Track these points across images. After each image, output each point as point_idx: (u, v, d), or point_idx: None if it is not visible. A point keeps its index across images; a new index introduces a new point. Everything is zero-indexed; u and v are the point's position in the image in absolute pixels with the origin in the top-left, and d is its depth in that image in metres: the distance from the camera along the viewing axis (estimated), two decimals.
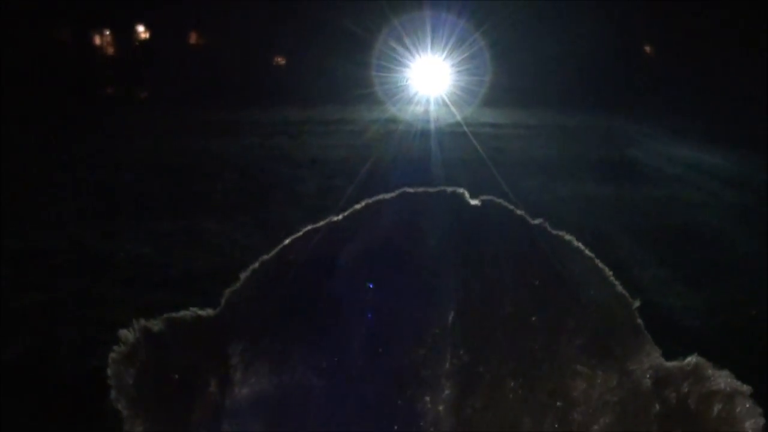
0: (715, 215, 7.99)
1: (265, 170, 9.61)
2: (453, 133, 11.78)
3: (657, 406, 0.90)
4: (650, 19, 20.33)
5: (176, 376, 0.90)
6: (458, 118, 13.44)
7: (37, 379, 4.16)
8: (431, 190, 0.94)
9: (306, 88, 17.55)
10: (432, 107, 14.34)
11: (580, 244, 0.94)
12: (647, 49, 21.82)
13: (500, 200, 0.94)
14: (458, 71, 14.97)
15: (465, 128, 12.01)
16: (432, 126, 12.83)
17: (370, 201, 0.95)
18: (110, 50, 22.11)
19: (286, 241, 0.95)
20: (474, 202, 0.94)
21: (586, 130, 14.49)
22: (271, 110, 16.35)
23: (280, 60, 22.30)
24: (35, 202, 7.98)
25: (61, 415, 3.75)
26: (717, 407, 0.89)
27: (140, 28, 22.56)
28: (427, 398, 0.83)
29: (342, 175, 8.74)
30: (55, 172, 9.53)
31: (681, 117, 15.93)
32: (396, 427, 0.82)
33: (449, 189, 0.94)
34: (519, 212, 0.94)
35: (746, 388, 0.90)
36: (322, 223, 0.95)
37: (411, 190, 0.95)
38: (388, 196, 0.95)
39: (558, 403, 0.85)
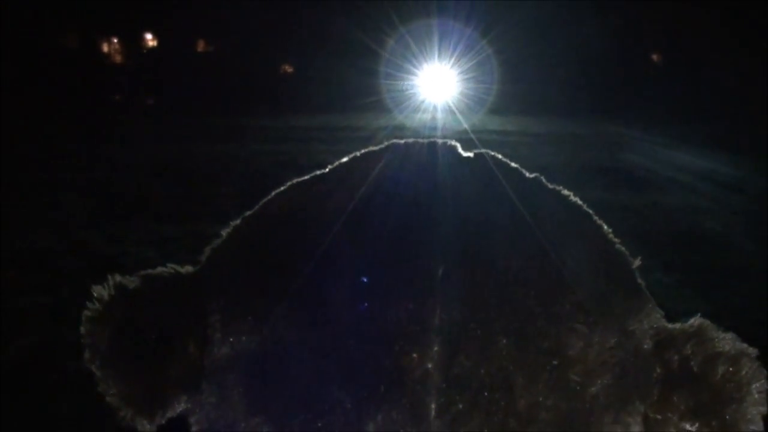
0: (721, 221, 7.95)
1: (272, 176, 9.59)
2: (460, 140, 11.61)
3: (658, 369, 0.85)
4: (657, 27, 20.33)
5: (152, 336, 0.86)
6: (465, 125, 13.43)
7: (38, 380, 4.13)
8: (422, 140, 0.90)
9: (314, 96, 17.58)
10: (439, 115, 14.32)
11: (578, 199, 0.90)
12: (654, 57, 21.81)
13: (494, 153, 0.90)
14: (465, 79, 14.96)
15: (472, 135, 11.98)
16: (439, 133, 12.80)
17: (357, 153, 0.90)
18: (118, 58, 22.22)
19: (270, 196, 0.90)
20: (467, 154, 0.90)
21: (593, 137, 14.48)
22: (278, 117, 16.38)
23: (288, 68, 22.37)
24: (42, 204, 7.98)
25: (62, 416, 3.72)
26: (721, 369, 0.84)
27: (148, 36, 22.67)
28: (415, 355, 0.78)
29: None
30: (62, 175, 9.54)
31: (688, 125, 15.90)
32: (382, 386, 0.77)
33: (440, 140, 0.90)
34: (514, 165, 0.89)
35: (752, 350, 0.85)
36: (307, 177, 0.90)
37: (401, 141, 0.90)
38: (376, 147, 0.90)
39: (553, 362, 0.80)
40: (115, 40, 22.09)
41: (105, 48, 22.21)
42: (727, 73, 17.99)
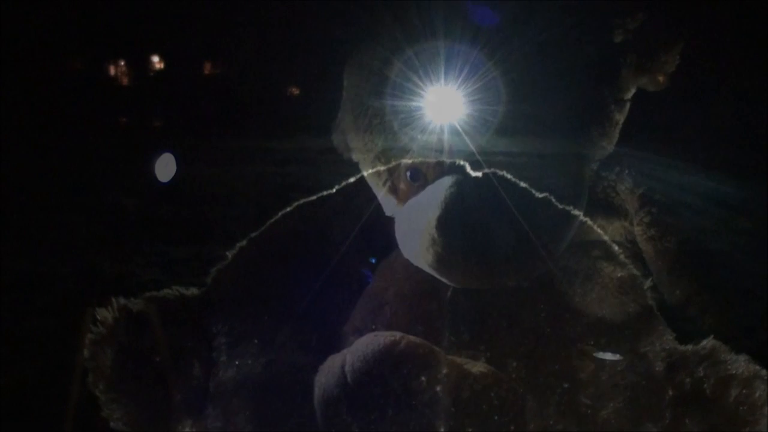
0: (727, 242, 7.95)
1: (279, 197, 9.56)
2: (466, 162, 11.71)
3: (670, 391, 0.84)
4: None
5: (157, 358, 0.85)
6: (472, 147, 13.43)
7: (44, 403, 4.11)
8: (430, 161, 0.89)
9: (320, 117, 17.62)
10: (445, 136, 14.29)
11: (588, 220, 0.88)
12: (660, 78, 21.78)
13: (503, 172, 0.89)
14: (472, 101, 14.97)
15: (479, 157, 11.97)
16: (445, 155, 12.78)
17: (363, 173, 0.89)
18: (125, 80, 22.30)
19: (276, 217, 0.89)
20: (476, 173, 0.89)
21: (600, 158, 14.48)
22: (285, 139, 16.41)
23: (295, 90, 22.45)
24: (47, 226, 7.99)
25: None
26: (734, 392, 0.82)
27: (155, 59, 22.74)
28: (424, 378, 0.76)
29: None
30: (68, 197, 9.56)
31: (694, 145, 15.90)
32: (390, 409, 0.76)
33: (448, 161, 0.89)
34: (523, 185, 0.88)
35: (765, 372, 0.84)
36: (313, 197, 0.89)
37: (408, 161, 0.89)
38: (383, 167, 0.89)
39: (564, 385, 0.78)
40: (122, 63, 22.20)
41: (111, 70, 22.31)
42: (732, 92, 18.01)
